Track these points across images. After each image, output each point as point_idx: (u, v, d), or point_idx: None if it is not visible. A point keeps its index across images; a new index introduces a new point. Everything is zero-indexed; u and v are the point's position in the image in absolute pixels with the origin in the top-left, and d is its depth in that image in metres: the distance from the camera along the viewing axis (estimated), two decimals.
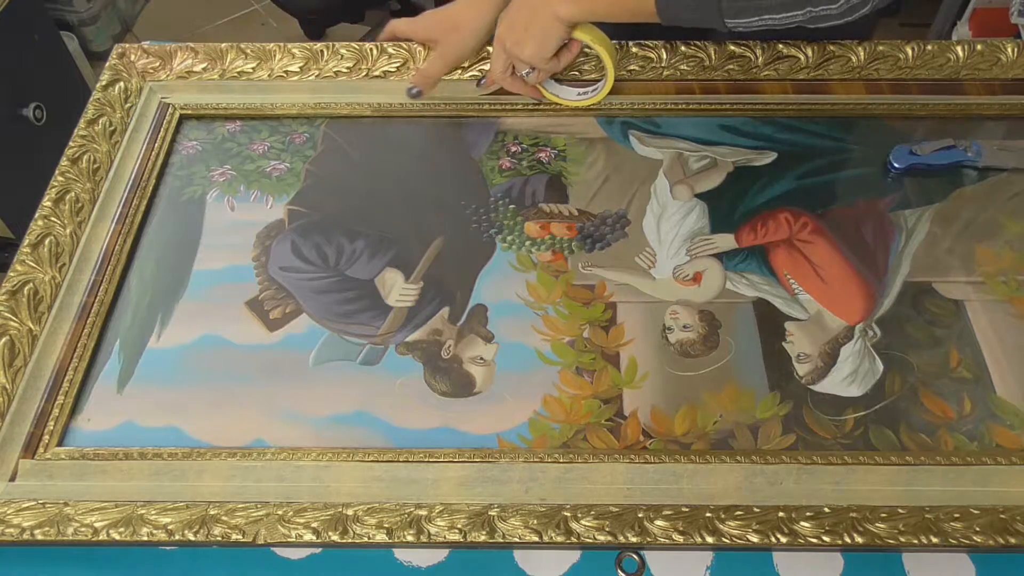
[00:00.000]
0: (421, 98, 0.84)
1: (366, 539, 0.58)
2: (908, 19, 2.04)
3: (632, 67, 0.85)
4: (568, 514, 0.59)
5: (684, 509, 0.59)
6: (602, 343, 0.69)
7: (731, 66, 0.85)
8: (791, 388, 0.66)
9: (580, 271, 0.73)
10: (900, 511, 0.59)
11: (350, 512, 0.59)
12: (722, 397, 0.66)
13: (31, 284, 0.70)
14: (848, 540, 0.58)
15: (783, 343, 0.69)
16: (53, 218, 0.74)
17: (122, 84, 0.85)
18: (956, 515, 0.58)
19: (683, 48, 0.85)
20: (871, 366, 0.67)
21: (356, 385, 0.67)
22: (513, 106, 0.84)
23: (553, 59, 0.78)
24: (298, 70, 0.86)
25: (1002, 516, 0.58)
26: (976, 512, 0.59)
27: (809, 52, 0.84)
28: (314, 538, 0.58)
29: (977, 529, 0.58)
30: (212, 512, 0.59)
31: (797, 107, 0.83)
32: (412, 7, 2.01)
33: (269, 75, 0.86)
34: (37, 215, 0.74)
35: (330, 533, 0.58)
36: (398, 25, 0.87)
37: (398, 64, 0.86)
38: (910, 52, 0.84)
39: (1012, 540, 0.57)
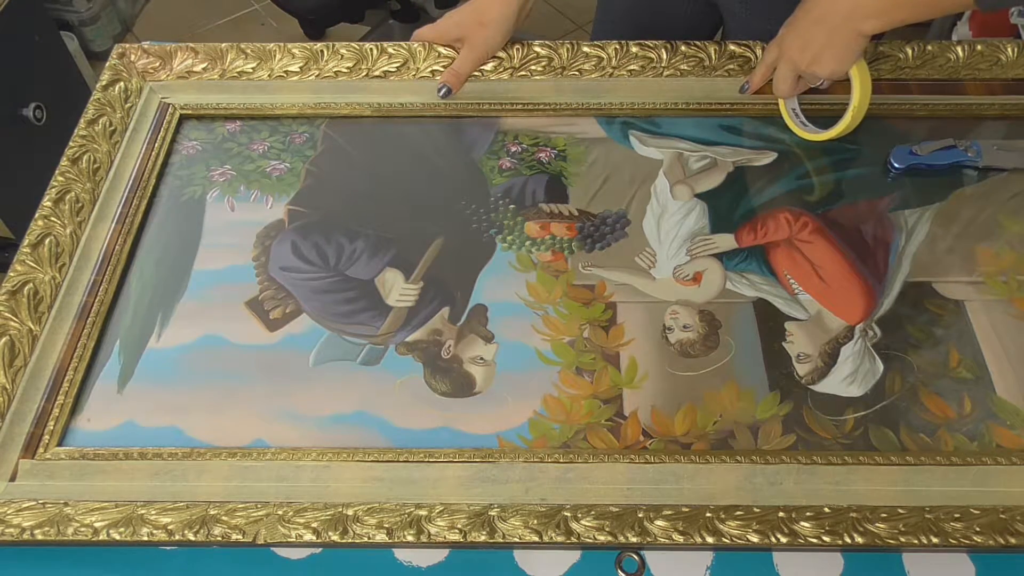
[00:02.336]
0: (450, 97, 0.84)
1: (366, 539, 0.58)
2: None
3: (632, 67, 0.85)
4: (568, 514, 0.59)
5: (684, 509, 0.59)
6: (602, 343, 0.69)
7: (731, 66, 0.85)
8: (791, 388, 0.66)
9: (580, 271, 0.73)
10: (900, 511, 0.59)
11: (350, 512, 0.59)
12: (722, 397, 0.66)
13: (31, 284, 0.70)
14: (848, 540, 0.58)
15: (783, 343, 0.69)
16: (53, 218, 0.74)
17: (122, 84, 0.85)
18: (956, 515, 0.58)
19: (683, 48, 0.85)
20: (871, 366, 0.67)
21: (356, 385, 0.67)
22: (513, 106, 0.84)
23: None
24: (298, 70, 0.86)
25: (1002, 516, 0.58)
26: (976, 512, 0.59)
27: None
28: (314, 538, 0.58)
29: (977, 529, 0.58)
30: (212, 512, 0.59)
31: None
32: (412, 7, 2.01)
33: (269, 75, 0.86)
34: (37, 215, 0.74)
35: (330, 533, 0.58)
36: (423, 31, 0.87)
37: (398, 64, 0.86)
38: (910, 52, 0.84)
39: (1012, 540, 0.57)
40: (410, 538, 0.58)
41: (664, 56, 0.85)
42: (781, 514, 0.59)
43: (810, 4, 0.74)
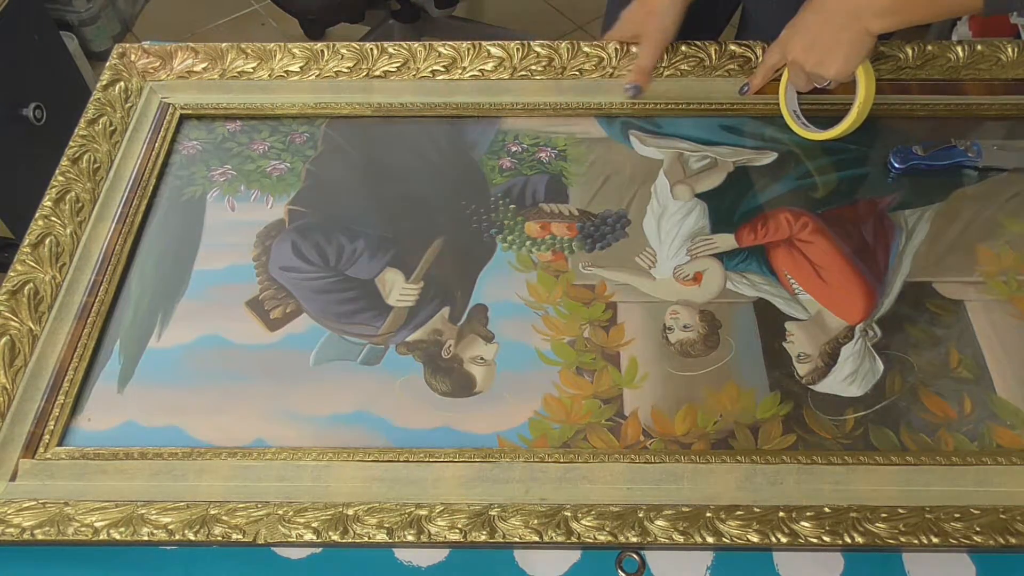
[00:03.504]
0: (641, 95, 0.83)
1: (366, 539, 0.58)
2: None
3: (632, 67, 0.85)
4: (568, 514, 0.59)
5: (684, 509, 0.59)
6: (602, 343, 0.69)
7: (731, 66, 0.85)
8: (791, 388, 0.66)
9: (580, 271, 0.73)
10: (900, 511, 0.59)
11: (350, 512, 0.59)
12: (722, 397, 0.66)
13: (31, 284, 0.70)
14: (848, 540, 0.58)
15: (783, 343, 0.69)
16: (53, 218, 0.74)
17: (122, 84, 0.85)
18: (956, 515, 0.59)
19: (683, 48, 0.85)
20: (871, 366, 0.67)
21: (356, 385, 0.67)
22: (513, 106, 0.84)
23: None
24: (298, 70, 0.86)
25: (1002, 516, 0.58)
26: (976, 512, 0.59)
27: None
28: (314, 538, 0.59)
29: (977, 529, 0.58)
30: (212, 512, 0.59)
31: None
32: (412, 7, 2.01)
33: (269, 75, 0.86)
34: (37, 215, 0.74)
35: (330, 533, 0.58)
36: (610, 34, 0.87)
37: (398, 64, 0.86)
38: (910, 52, 0.84)
39: (1012, 540, 0.57)
40: (410, 538, 0.58)
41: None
42: (781, 514, 0.59)
43: (816, 3, 0.73)
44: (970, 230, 0.75)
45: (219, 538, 0.59)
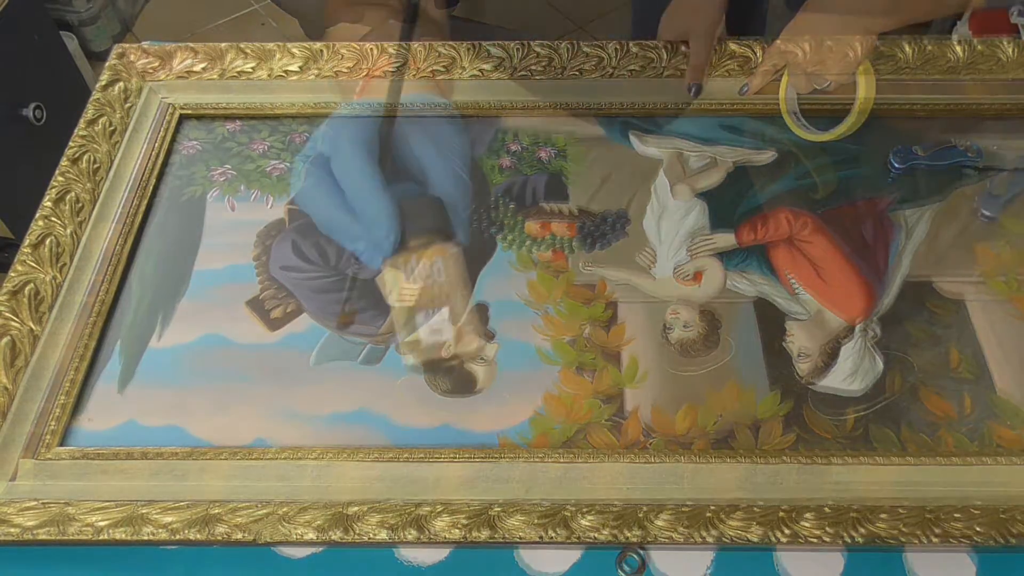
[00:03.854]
0: (702, 94, 0.82)
1: (368, 538, 0.58)
2: None
3: (632, 67, 0.85)
4: (569, 512, 0.59)
5: (685, 508, 0.59)
6: (603, 342, 0.69)
7: (731, 66, 0.85)
8: (792, 387, 0.66)
9: (580, 270, 0.73)
10: (901, 510, 0.59)
11: (352, 511, 0.59)
12: (723, 396, 0.66)
13: (32, 284, 0.70)
14: (849, 539, 0.58)
15: (783, 342, 0.69)
16: (53, 218, 0.74)
17: (122, 84, 0.85)
18: (957, 514, 0.59)
19: (683, 48, 0.85)
20: (871, 365, 0.67)
21: (357, 384, 0.67)
22: (513, 106, 0.84)
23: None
24: (298, 70, 0.86)
25: (1002, 515, 0.58)
26: (977, 511, 0.59)
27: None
28: (316, 537, 0.59)
29: (978, 528, 0.58)
30: (214, 511, 0.60)
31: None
32: (412, 7, 2.01)
33: (269, 75, 0.86)
34: (37, 215, 0.74)
35: (332, 532, 0.59)
36: (658, 38, 0.87)
37: (398, 64, 0.86)
38: (910, 52, 0.84)
39: (1012, 540, 0.57)
40: (411, 537, 0.58)
41: (664, 56, 0.85)
42: (782, 513, 0.59)
43: (816, 3, 0.73)
44: (970, 229, 0.75)
45: (221, 537, 0.59)
